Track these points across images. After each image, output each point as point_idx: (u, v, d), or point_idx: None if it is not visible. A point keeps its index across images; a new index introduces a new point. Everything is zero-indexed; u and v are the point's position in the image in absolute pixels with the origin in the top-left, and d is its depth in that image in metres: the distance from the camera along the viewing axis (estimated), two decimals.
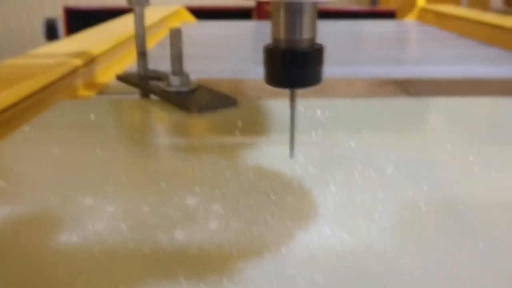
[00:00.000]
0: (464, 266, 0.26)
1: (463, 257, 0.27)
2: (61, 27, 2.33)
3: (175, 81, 0.57)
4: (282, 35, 0.30)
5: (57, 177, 0.37)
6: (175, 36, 0.55)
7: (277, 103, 0.55)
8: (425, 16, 1.65)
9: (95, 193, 0.34)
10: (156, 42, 1.18)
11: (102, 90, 0.77)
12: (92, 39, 0.94)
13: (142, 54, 0.63)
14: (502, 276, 0.26)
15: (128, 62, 0.93)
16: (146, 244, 0.28)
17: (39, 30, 2.52)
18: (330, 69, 0.38)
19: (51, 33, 2.36)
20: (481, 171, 0.38)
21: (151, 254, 0.27)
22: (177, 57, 0.56)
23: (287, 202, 0.33)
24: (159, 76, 0.63)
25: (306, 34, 0.30)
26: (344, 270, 0.26)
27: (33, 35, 3.53)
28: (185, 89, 0.57)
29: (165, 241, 0.28)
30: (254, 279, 0.25)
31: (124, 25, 1.11)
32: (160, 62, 0.62)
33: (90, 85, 0.78)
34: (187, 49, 0.57)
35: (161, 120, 0.52)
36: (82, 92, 0.74)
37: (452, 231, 0.30)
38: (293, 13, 0.30)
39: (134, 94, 0.67)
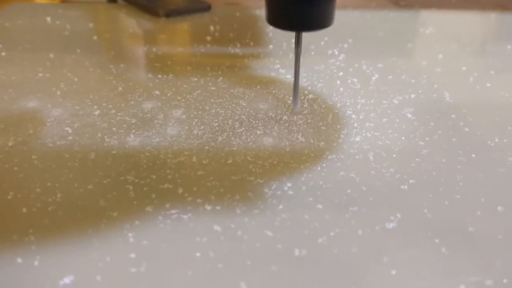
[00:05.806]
0: (455, 178, 0.24)
1: (454, 170, 0.24)
2: None
3: None
4: None
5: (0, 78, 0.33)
6: None
7: (256, 10, 0.49)
8: None
9: (41, 96, 0.30)
10: None
11: None
12: None
13: None
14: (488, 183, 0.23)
15: None
16: (92, 148, 0.25)
17: None
18: None
19: None
20: (474, 81, 0.34)
21: (97, 159, 0.24)
22: None
23: (259, 109, 0.29)
24: None
25: None
26: (315, 184, 0.23)
27: None
28: None
29: (115, 146, 0.25)
30: (214, 187, 0.22)
31: None
32: None
33: None
34: None
35: (125, 24, 0.46)
36: None
37: (442, 140, 0.26)
38: None
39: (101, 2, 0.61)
